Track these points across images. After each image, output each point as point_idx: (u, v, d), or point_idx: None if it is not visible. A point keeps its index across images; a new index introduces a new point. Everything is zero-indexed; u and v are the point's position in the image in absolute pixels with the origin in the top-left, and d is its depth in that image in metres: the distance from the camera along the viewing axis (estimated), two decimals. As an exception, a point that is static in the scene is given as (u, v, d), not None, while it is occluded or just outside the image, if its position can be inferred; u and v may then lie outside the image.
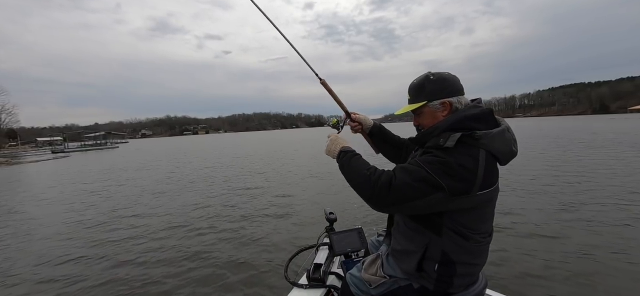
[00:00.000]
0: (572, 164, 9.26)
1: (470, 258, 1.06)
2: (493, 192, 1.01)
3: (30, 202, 8.41)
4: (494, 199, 1.05)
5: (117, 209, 6.83)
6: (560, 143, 15.55)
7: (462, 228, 1.01)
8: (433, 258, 1.05)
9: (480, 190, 0.96)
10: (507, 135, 1.01)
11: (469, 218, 1.01)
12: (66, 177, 13.73)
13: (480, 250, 1.08)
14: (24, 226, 5.84)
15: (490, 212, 1.07)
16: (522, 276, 3.06)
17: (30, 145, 67.79)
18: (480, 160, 0.96)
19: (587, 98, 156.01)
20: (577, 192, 6.02)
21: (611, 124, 33.56)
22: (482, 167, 0.95)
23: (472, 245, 1.04)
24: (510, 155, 1.03)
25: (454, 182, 0.93)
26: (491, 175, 0.98)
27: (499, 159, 1.02)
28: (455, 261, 1.04)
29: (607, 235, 3.88)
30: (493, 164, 1.00)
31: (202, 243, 4.47)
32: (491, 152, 0.99)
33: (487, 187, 0.97)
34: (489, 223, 1.08)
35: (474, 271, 1.12)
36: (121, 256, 4.12)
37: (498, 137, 0.99)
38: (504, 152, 1.01)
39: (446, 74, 1.12)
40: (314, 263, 1.67)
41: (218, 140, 52.97)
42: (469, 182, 0.94)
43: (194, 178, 10.92)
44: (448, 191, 0.93)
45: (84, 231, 5.33)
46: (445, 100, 1.08)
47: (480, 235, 1.05)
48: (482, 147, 0.97)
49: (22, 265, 4.04)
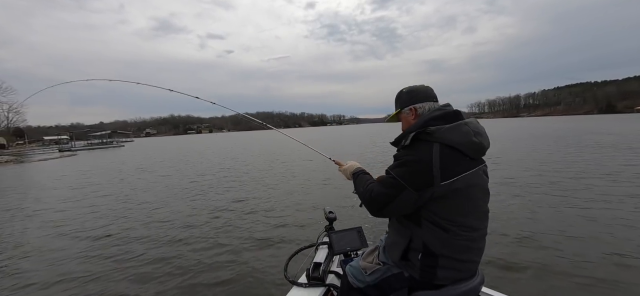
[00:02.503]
0: (586, 166, 9.16)
1: (453, 252, 1.10)
2: (462, 183, 1.06)
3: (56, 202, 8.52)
4: (470, 193, 1.09)
5: (113, 207, 6.92)
6: (584, 144, 15.39)
7: (439, 219, 1.08)
8: (417, 249, 1.14)
9: (442, 181, 1.03)
10: (464, 128, 1.10)
11: (443, 209, 1.08)
12: (76, 176, 13.89)
13: (463, 245, 1.10)
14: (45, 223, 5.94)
15: (469, 205, 1.10)
16: (521, 276, 3.06)
17: (37, 144, 68.56)
18: (434, 153, 1.05)
19: (593, 98, 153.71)
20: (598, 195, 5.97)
21: (625, 124, 33.07)
22: (437, 158, 1.04)
23: (452, 238, 1.08)
24: (472, 145, 1.09)
25: (413, 177, 1.06)
26: (453, 166, 1.05)
27: (461, 150, 1.08)
28: (436, 254, 1.10)
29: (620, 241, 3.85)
30: (453, 155, 1.07)
31: (201, 241, 4.51)
32: (447, 144, 1.06)
33: (449, 177, 1.04)
34: (469, 218, 1.10)
35: (460, 267, 1.13)
36: (118, 254, 4.19)
37: (452, 129, 1.09)
38: (462, 142, 1.07)
39: (419, 85, 1.27)
40: (314, 262, 1.70)
41: (222, 139, 53.10)
42: (427, 174, 1.04)
43: (196, 178, 11.00)
44: (411, 188, 1.06)
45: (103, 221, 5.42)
46: (412, 106, 1.23)
47: (459, 227, 1.08)
48: (435, 141, 1.07)
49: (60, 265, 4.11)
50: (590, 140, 16.77)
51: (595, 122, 44.38)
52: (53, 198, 8.67)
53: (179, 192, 8.54)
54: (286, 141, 37.43)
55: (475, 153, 1.11)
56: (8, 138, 51.57)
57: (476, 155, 1.12)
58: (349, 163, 1.52)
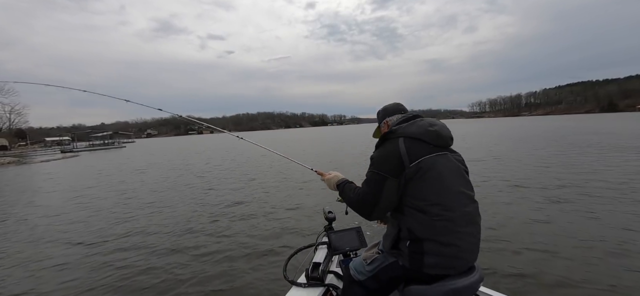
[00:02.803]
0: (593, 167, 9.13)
1: (435, 234, 1.18)
2: (429, 164, 1.23)
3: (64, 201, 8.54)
4: (439, 173, 1.23)
5: (113, 208, 6.94)
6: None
7: (416, 202, 1.22)
8: (405, 237, 1.25)
9: (411, 162, 1.22)
10: (420, 122, 1.33)
11: (418, 191, 1.22)
12: (77, 178, 13.92)
13: (443, 227, 1.18)
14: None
15: (440, 185, 1.22)
16: (521, 277, 3.05)
17: (39, 145, 68.79)
18: (400, 144, 1.27)
19: (595, 97, 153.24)
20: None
21: (628, 123, 32.92)
22: (403, 147, 1.25)
23: (431, 219, 1.19)
24: (429, 133, 1.29)
25: (388, 166, 1.25)
26: (417, 150, 1.25)
27: (422, 139, 1.28)
28: (421, 238, 1.20)
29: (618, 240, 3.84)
30: (415, 143, 1.27)
31: (201, 241, 4.52)
32: (408, 136, 1.29)
33: (416, 158, 1.23)
34: (443, 197, 1.21)
35: (446, 252, 1.18)
36: (115, 253, 4.21)
37: (411, 125, 1.34)
38: (420, 133, 1.29)
39: (391, 103, 1.53)
40: (313, 262, 1.69)
41: (224, 140, 53.12)
42: (397, 159, 1.24)
43: (196, 179, 11.02)
44: (390, 175, 1.24)
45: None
46: (385, 120, 1.51)
47: (435, 206, 1.19)
48: (399, 136, 1.30)
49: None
50: (594, 140, 16.70)
51: (596, 120, 44.21)
52: (54, 200, 8.70)
53: (179, 192, 8.56)
54: (289, 140, 37.48)
55: (434, 140, 1.29)
56: (10, 140, 51.77)
57: (437, 142, 1.29)
58: (332, 174, 1.65)
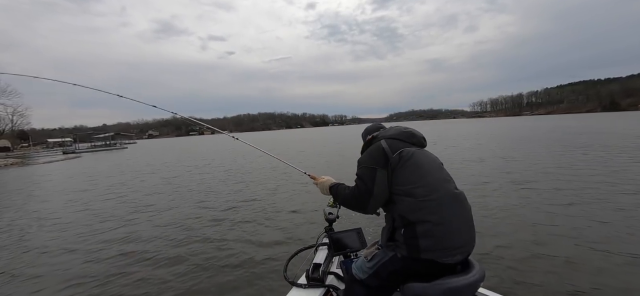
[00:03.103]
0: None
1: (424, 215, 1.26)
2: (408, 154, 1.38)
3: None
4: (419, 162, 1.38)
5: (115, 208, 6.97)
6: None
7: (402, 187, 1.33)
8: (398, 226, 1.33)
9: (393, 153, 1.38)
10: (395, 127, 1.55)
11: (403, 178, 1.35)
12: (82, 178, 13.96)
13: (431, 206, 1.27)
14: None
15: (421, 170, 1.36)
16: (522, 280, 3.05)
17: (41, 146, 69.07)
18: (382, 143, 1.44)
19: (597, 96, 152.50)
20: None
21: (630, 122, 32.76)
22: (386, 144, 1.43)
23: (418, 201, 1.29)
24: (404, 133, 1.50)
25: (376, 159, 1.41)
26: (397, 145, 1.43)
27: (399, 138, 1.46)
28: (413, 221, 1.27)
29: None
30: (395, 141, 1.45)
31: (201, 242, 4.54)
32: (388, 137, 1.48)
33: (396, 150, 1.40)
34: (423, 180, 1.33)
35: (437, 232, 1.24)
36: (118, 255, 4.23)
37: (388, 130, 1.57)
38: (397, 134, 1.49)
39: (370, 124, 1.74)
40: (313, 263, 1.69)
41: (225, 140, 53.19)
42: (382, 153, 1.40)
43: (197, 179, 11.04)
44: (379, 166, 1.38)
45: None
46: (369, 135, 1.66)
47: (420, 188, 1.30)
48: (380, 139, 1.48)
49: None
50: (598, 139, 16.64)
51: (598, 120, 44.03)
52: (56, 201, 8.74)
53: (179, 194, 8.58)
54: (285, 141, 37.53)
55: (408, 138, 1.48)
56: (12, 141, 52.00)
57: (411, 140, 1.47)
58: (325, 178, 1.76)
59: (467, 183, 7.28)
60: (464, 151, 14.41)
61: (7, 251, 4.72)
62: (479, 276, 1.22)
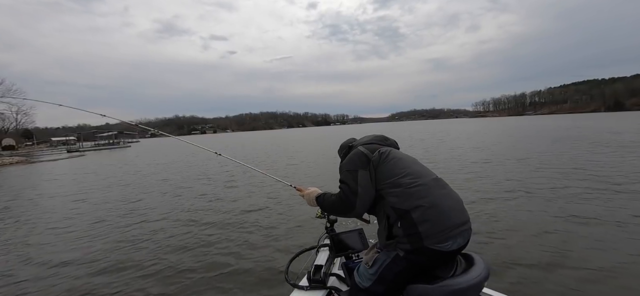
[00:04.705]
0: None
1: (415, 201, 1.28)
2: (385, 153, 1.46)
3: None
4: (398, 156, 1.46)
5: (115, 208, 7.00)
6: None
7: (388, 181, 1.38)
8: (394, 219, 1.31)
9: (373, 153, 1.46)
10: (367, 135, 1.66)
11: (386, 173, 1.40)
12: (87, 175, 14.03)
13: (420, 191, 1.30)
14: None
15: (402, 163, 1.42)
16: (523, 276, 3.03)
17: (45, 145, 69.53)
18: (360, 147, 1.52)
19: (601, 95, 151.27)
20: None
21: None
22: (363, 148, 1.50)
23: (407, 188, 1.32)
24: (377, 137, 1.62)
25: (357, 162, 1.46)
26: (374, 147, 1.51)
27: (374, 142, 1.57)
28: (406, 209, 1.27)
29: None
30: (372, 145, 1.54)
31: (202, 243, 4.52)
32: (364, 143, 1.56)
33: (374, 151, 1.47)
34: (406, 170, 1.39)
35: (432, 215, 1.24)
36: (119, 254, 4.25)
37: (362, 138, 1.64)
38: (370, 140, 1.59)
39: (345, 140, 1.73)
40: (315, 265, 1.69)
41: (224, 140, 53.37)
42: (362, 156, 1.46)
43: (197, 179, 11.07)
44: (360, 167, 1.42)
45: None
46: (344, 151, 1.68)
47: (405, 177, 1.36)
48: (356, 147, 1.56)
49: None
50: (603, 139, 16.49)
51: (600, 120, 43.62)
52: (58, 199, 8.80)
53: (180, 193, 8.60)
54: (292, 139, 37.50)
55: (382, 141, 1.60)
56: (17, 140, 52.38)
57: (385, 142, 1.60)
58: (311, 189, 1.75)
59: (470, 183, 7.24)
60: (468, 151, 14.34)
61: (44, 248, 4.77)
62: (484, 275, 1.20)
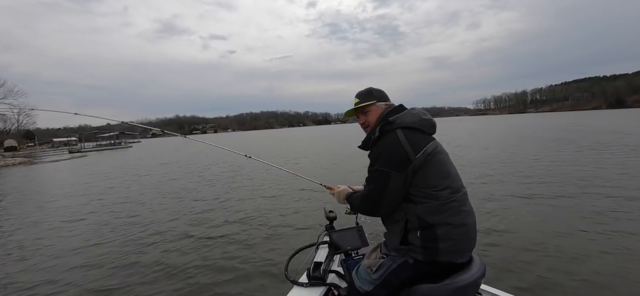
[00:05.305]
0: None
1: (444, 218, 1.19)
2: (431, 153, 1.24)
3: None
4: (440, 158, 1.27)
5: (117, 207, 7.03)
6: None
7: (425, 189, 1.21)
8: (414, 228, 1.21)
9: (416, 154, 1.22)
10: (413, 112, 1.35)
11: (427, 179, 1.22)
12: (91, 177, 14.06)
13: (448, 208, 1.20)
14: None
15: (444, 169, 1.26)
16: (524, 276, 3.05)
17: (47, 145, 69.69)
18: (400, 136, 1.25)
19: (602, 93, 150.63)
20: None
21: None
22: (404, 139, 1.24)
23: (444, 203, 1.20)
24: (424, 121, 1.33)
25: (392, 161, 1.22)
26: (417, 141, 1.25)
27: (418, 128, 1.30)
28: (432, 224, 1.18)
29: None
30: (414, 133, 1.27)
31: (202, 243, 4.55)
32: (405, 126, 1.28)
33: (419, 149, 1.23)
34: (448, 180, 1.24)
35: (456, 234, 1.19)
36: (118, 256, 4.27)
37: (406, 114, 1.33)
38: (416, 122, 1.30)
39: (376, 88, 1.49)
40: (314, 262, 1.71)
41: (226, 139, 53.43)
42: (402, 153, 1.22)
43: (198, 180, 11.10)
44: (396, 171, 1.21)
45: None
46: (386, 103, 1.44)
47: (444, 190, 1.21)
48: (396, 127, 1.29)
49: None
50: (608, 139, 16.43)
51: (600, 119, 43.42)
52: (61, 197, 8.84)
53: (180, 193, 8.63)
54: (293, 139, 37.45)
55: (428, 128, 1.33)
56: (19, 141, 52.53)
57: (430, 130, 1.34)
58: (341, 187, 1.70)
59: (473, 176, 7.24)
60: (473, 151, 14.32)
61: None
62: (482, 271, 1.23)
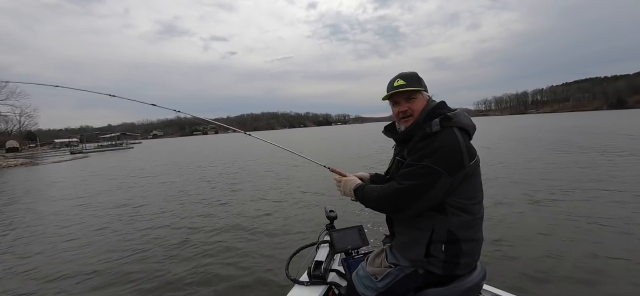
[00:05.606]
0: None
1: (472, 233, 1.15)
2: (477, 163, 1.16)
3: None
4: (479, 170, 1.19)
5: (117, 207, 7.05)
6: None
7: (462, 201, 1.12)
8: (440, 240, 1.12)
9: (470, 161, 1.11)
10: (466, 113, 1.23)
11: (468, 190, 1.13)
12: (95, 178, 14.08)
13: (477, 224, 1.17)
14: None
15: (479, 183, 1.19)
16: (522, 274, 3.05)
17: (49, 146, 69.86)
18: (458, 136, 1.12)
19: (603, 93, 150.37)
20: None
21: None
22: (462, 141, 1.11)
23: (473, 218, 1.14)
24: (473, 126, 1.22)
25: (449, 162, 1.08)
26: (470, 147, 1.15)
27: (468, 132, 1.19)
28: (460, 239, 1.12)
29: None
30: (466, 137, 1.17)
31: (202, 242, 4.56)
32: (461, 127, 1.16)
33: (472, 156, 1.13)
34: (481, 193, 1.20)
35: (475, 251, 1.18)
36: (119, 251, 4.28)
37: (461, 115, 1.19)
38: (469, 125, 1.19)
39: (412, 75, 1.31)
40: (315, 261, 1.71)
41: (226, 139, 53.48)
42: (459, 157, 1.09)
43: (198, 179, 11.11)
44: (447, 173, 1.07)
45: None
46: (424, 91, 1.27)
47: (477, 204, 1.16)
48: (454, 125, 1.14)
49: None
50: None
51: (603, 118, 43.31)
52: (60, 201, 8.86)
53: (181, 192, 8.65)
54: (294, 140, 37.53)
55: (473, 132, 1.22)
56: (20, 142, 52.67)
57: (472, 136, 1.23)
58: (350, 177, 1.46)
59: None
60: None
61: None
62: (483, 273, 1.25)
